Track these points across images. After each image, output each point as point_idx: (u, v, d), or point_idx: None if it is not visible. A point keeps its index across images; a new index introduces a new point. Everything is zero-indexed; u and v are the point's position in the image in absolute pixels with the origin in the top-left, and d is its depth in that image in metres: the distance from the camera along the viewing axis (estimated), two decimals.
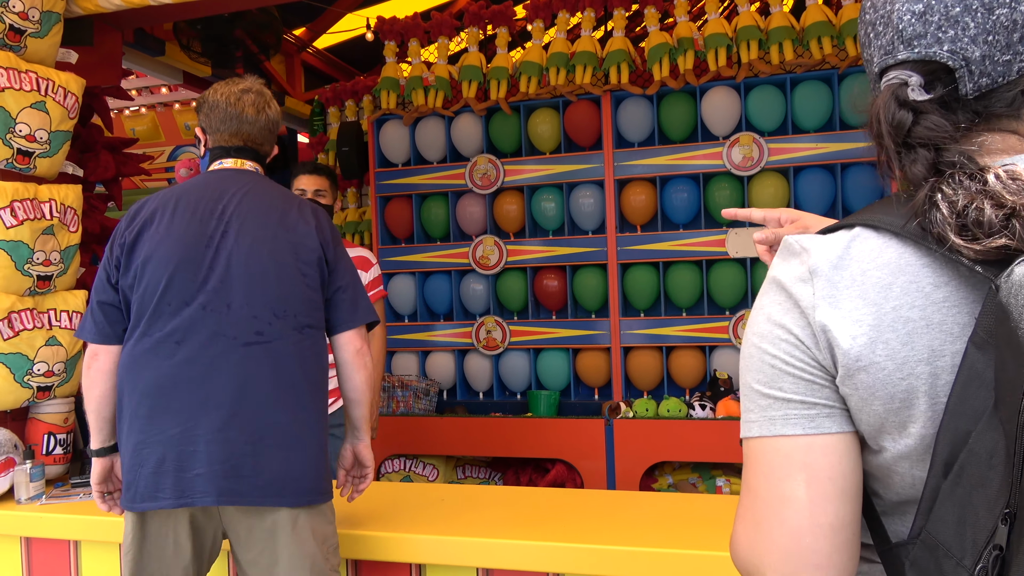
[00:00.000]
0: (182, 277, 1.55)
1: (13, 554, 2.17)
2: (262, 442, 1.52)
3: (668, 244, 3.59)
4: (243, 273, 1.56)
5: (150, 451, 1.53)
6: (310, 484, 1.56)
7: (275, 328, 1.56)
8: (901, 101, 0.66)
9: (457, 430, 3.63)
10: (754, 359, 0.70)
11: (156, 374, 1.54)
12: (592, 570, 1.68)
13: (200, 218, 1.59)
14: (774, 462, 0.68)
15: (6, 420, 2.32)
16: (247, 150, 1.71)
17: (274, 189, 1.70)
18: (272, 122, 1.74)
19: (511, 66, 3.77)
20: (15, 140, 2.26)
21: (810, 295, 0.67)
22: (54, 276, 2.38)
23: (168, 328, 1.54)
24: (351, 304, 1.68)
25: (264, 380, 1.53)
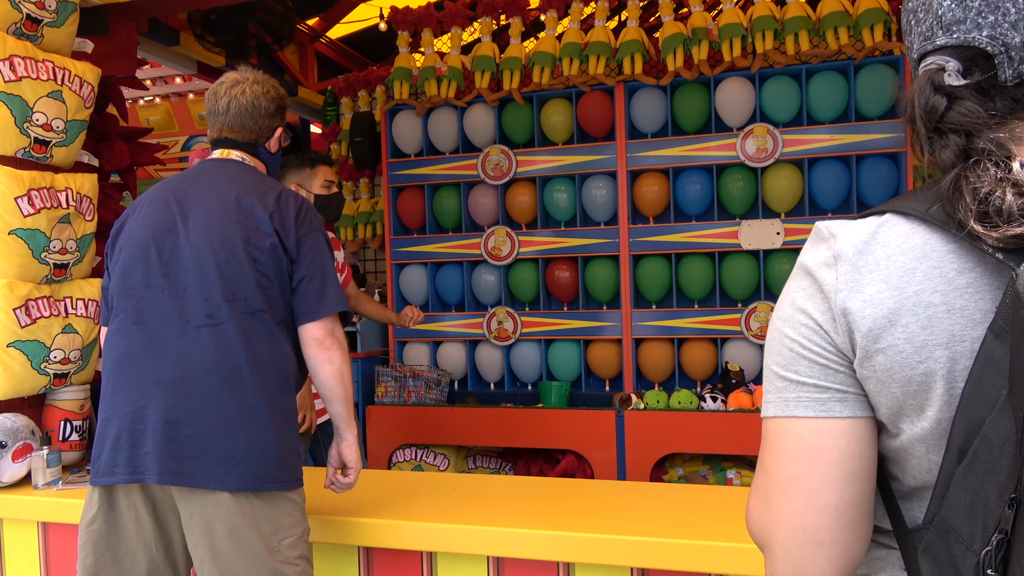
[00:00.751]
0: (146, 261, 1.62)
1: (30, 538, 2.21)
2: (205, 424, 1.52)
3: (680, 236, 3.58)
4: (194, 257, 1.60)
5: (111, 427, 1.58)
6: (254, 470, 1.53)
7: (224, 312, 1.57)
8: (936, 86, 0.66)
9: (468, 420, 3.64)
10: (775, 342, 0.73)
11: (117, 353, 1.61)
12: (602, 560, 1.68)
13: (167, 206, 1.66)
14: (785, 442, 0.71)
15: (23, 406, 2.35)
16: (226, 141, 1.78)
17: (245, 177, 1.71)
18: (246, 106, 1.75)
19: (524, 56, 3.75)
20: (32, 129, 2.27)
21: (833, 279, 0.68)
22: (70, 264, 2.40)
23: (130, 309, 1.61)
24: (315, 295, 1.65)
25: (210, 363, 1.54)
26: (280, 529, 1.57)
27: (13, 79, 2.21)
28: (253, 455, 1.54)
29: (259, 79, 1.79)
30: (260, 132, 1.79)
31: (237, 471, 1.52)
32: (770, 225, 3.45)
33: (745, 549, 1.56)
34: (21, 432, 2.20)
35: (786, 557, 0.70)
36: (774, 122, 3.49)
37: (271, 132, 1.81)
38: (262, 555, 1.53)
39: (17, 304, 2.23)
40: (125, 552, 1.60)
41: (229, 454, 1.52)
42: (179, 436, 1.52)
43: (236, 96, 1.75)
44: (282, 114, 1.84)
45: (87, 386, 2.49)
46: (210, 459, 1.52)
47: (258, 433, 1.55)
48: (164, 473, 1.52)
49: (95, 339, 2.48)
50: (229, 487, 1.52)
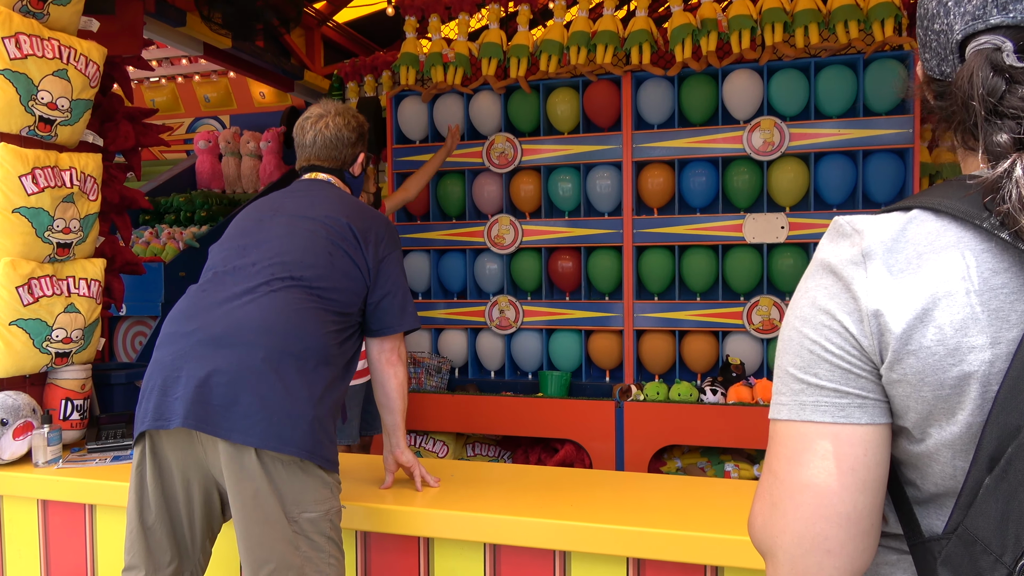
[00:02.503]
0: (231, 248, 1.76)
1: (30, 516, 2.22)
2: (237, 375, 1.53)
3: (684, 228, 3.57)
4: (274, 239, 1.72)
5: (149, 379, 1.62)
6: (279, 429, 1.52)
7: (282, 283, 1.64)
8: (995, 66, 0.63)
9: (468, 408, 3.65)
10: (793, 342, 0.69)
11: (173, 312, 1.70)
12: (598, 549, 1.69)
13: (264, 207, 1.85)
14: (798, 447, 0.68)
15: (25, 385, 2.36)
16: (312, 167, 1.93)
17: (335, 194, 1.86)
18: (330, 139, 1.90)
19: (532, 44, 3.74)
20: (37, 107, 2.27)
21: (863, 278, 0.65)
22: (73, 244, 2.40)
23: (204, 281, 1.72)
24: (394, 312, 1.78)
25: (255, 321, 1.59)
26: (302, 502, 1.56)
27: (19, 57, 2.20)
28: (280, 415, 1.53)
29: (340, 111, 1.93)
30: (345, 160, 1.94)
31: (261, 427, 1.51)
32: (775, 219, 3.44)
33: (740, 542, 1.57)
34: (22, 410, 2.21)
35: (790, 565, 0.68)
36: (781, 115, 3.47)
37: (355, 159, 1.96)
38: (281, 521, 1.54)
39: (20, 282, 2.23)
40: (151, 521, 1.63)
41: (255, 408, 1.52)
42: (209, 384, 1.53)
43: (320, 130, 1.90)
44: (364, 140, 1.98)
45: (88, 366, 2.50)
46: (237, 410, 1.51)
47: (289, 396, 1.54)
48: (188, 417, 1.52)
49: (97, 319, 2.49)
50: (251, 442, 1.51)
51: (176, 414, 1.54)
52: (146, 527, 1.63)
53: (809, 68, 3.43)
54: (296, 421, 1.55)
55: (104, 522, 2.15)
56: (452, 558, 1.84)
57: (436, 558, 1.86)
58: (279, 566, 1.53)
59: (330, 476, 1.63)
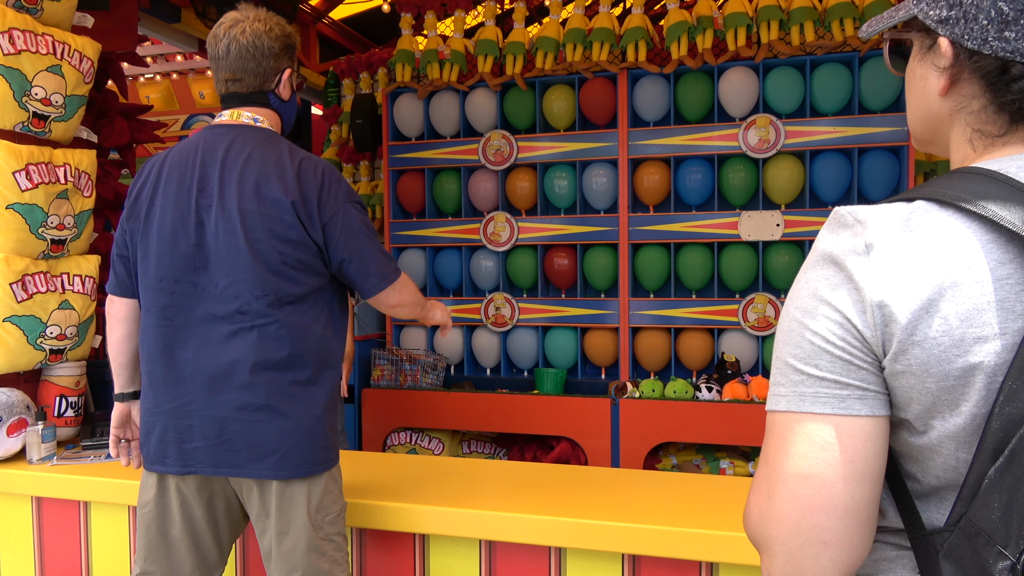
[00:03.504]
0: (171, 255, 1.56)
1: (24, 513, 2.21)
2: (251, 418, 1.53)
3: (680, 225, 3.57)
4: (223, 253, 1.54)
5: (154, 420, 1.59)
6: (301, 457, 1.55)
7: (257, 306, 1.54)
8: None
9: (464, 405, 3.65)
10: (793, 333, 0.69)
11: (153, 349, 1.59)
12: (593, 545, 1.69)
13: (187, 190, 1.57)
14: (797, 438, 0.67)
15: (19, 381, 2.35)
16: (233, 97, 1.63)
17: (261, 150, 1.58)
18: (247, 46, 1.59)
19: (528, 41, 3.73)
20: (31, 103, 2.26)
21: (866, 269, 0.65)
22: (68, 240, 2.39)
23: (161, 304, 1.57)
24: (361, 274, 1.61)
25: (250, 358, 1.53)
26: (323, 507, 1.60)
27: (12, 52, 2.19)
28: (300, 444, 1.55)
29: (260, 16, 1.62)
30: (266, 76, 1.62)
31: (286, 461, 1.54)
32: (770, 217, 3.44)
33: (735, 538, 1.57)
34: (16, 407, 2.20)
35: (786, 556, 0.68)
36: (777, 113, 3.47)
37: (277, 75, 1.64)
38: (309, 533, 1.57)
39: (14, 279, 2.22)
40: (174, 531, 1.62)
41: (276, 445, 1.53)
42: (227, 431, 1.54)
43: (236, 37, 1.59)
44: (290, 53, 1.67)
45: (83, 362, 2.49)
46: (259, 451, 1.53)
47: (303, 421, 1.56)
48: (218, 465, 1.55)
49: (92, 316, 2.48)
50: (280, 476, 1.54)
51: (202, 462, 1.56)
52: (169, 539, 1.63)
53: (805, 66, 3.43)
54: (313, 441, 1.58)
55: (98, 519, 2.14)
56: (448, 555, 1.84)
57: (432, 555, 1.86)
58: (306, 573, 1.57)
59: (336, 470, 1.66)
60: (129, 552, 2.12)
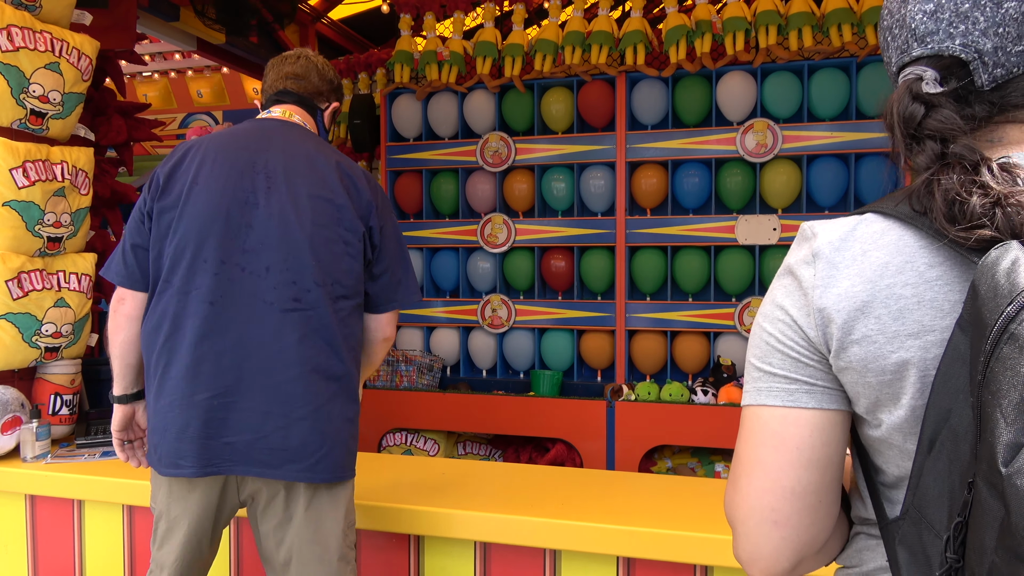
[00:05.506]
0: (220, 234, 1.49)
1: (18, 511, 2.21)
2: (293, 414, 1.47)
3: (677, 229, 3.58)
4: (283, 237, 1.50)
5: (174, 416, 1.48)
6: (337, 460, 1.52)
7: (313, 296, 1.49)
8: (914, 95, 0.70)
9: (459, 407, 3.65)
10: (755, 336, 0.77)
11: (187, 335, 1.48)
12: (588, 548, 1.69)
13: (240, 171, 1.53)
14: (754, 428, 0.75)
15: (13, 379, 2.35)
16: (291, 94, 1.68)
17: (320, 148, 1.61)
18: (312, 66, 1.71)
19: (526, 43, 3.74)
20: (28, 100, 2.26)
21: (811, 276, 0.72)
22: (64, 238, 2.39)
23: (203, 287, 1.48)
24: (395, 285, 1.64)
25: (299, 351, 1.48)
26: (346, 515, 1.59)
27: (10, 49, 2.19)
28: (337, 447, 1.52)
29: (321, 60, 1.77)
30: (320, 92, 1.72)
31: (324, 464, 1.50)
32: (767, 221, 3.45)
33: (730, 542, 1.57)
34: (11, 404, 2.20)
35: (745, 534, 0.76)
36: (775, 117, 3.48)
37: (328, 101, 1.75)
38: (337, 541, 1.55)
39: (9, 276, 2.22)
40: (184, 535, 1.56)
41: (316, 446, 1.49)
42: (267, 427, 1.46)
43: (308, 56, 1.74)
44: (339, 94, 1.79)
45: (78, 360, 2.49)
46: (300, 452, 1.48)
47: (341, 423, 1.54)
48: (252, 464, 1.48)
49: (87, 314, 2.47)
50: (317, 479, 1.50)
51: (231, 460, 1.48)
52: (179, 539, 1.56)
53: (802, 71, 3.44)
54: (347, 445, 1.56)
55: (92, 518, 2.14)
56: (443, 556, 1.84)
57: (426, 556, 1.86)
58: None
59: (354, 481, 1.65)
60: (123, 551, 2.11)
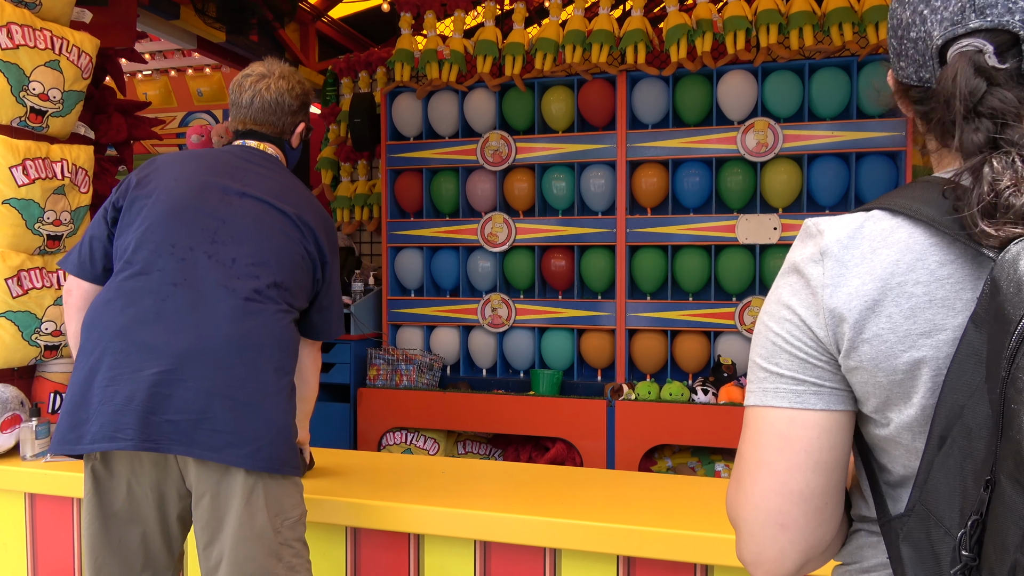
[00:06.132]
0: (191, 223, 1.56)
1: (17, 509, 2.20)
2: (241, 398, 1.48)
3: (678, 228, 3.58)
4: (252, 237, 1.58)
5: (117, 388, 1.47)
6: (278, 452, 1.52)
7: (272, 295, 1.57)
8: (978, 67, 0.66)
9: (459, 406, 3.64)
10: (760, 335, 0.76)
11: (142, 311, 1.50)
12: (588, 547, 1.69)
13: (217, 172, 1.64)
14: (760, 429, 0.74)
15: (13, 378, 2.34)
16: (251, 133, 1.76)
17: (291, 181, 1.73)
18: (270, 102, 1.73)
19: (527, 42, 3.73)
20: (28, 98, 2.25)
21: (820, 274, 0.71)
22: (64, 236, 2.38)
23: (167, 268, 1.53)
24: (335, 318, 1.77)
25: (256, 339, 1.53)
26: (283, 510, 1.56)
27: (10, 47, 2.18)
28: (279, 437, 1.52)
29: (285, 74, 1.76)
30: (284, 128, 1.77)
31: (266, 452, 1.49)
32: (767, 220, 3.45)
33: (730, 541, 1.57)
34: (10, 403, 2.19)
35: (749, 535, 0.75)
36: (775, 117, 3.48)
37: (294, 128, 1.80)
38: (268, 535, 1.52)
39: (9, 274, 2.22)
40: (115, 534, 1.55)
41: (260, 434, 1.49)
42: (214, 408, 1.46)
43: (260, 91, 1.72)
44: (306, 110, 1.81)
45: None
46: (243, 436, 1.47)
47: (282, 415, 1.55)
48: (193, 445, 1.46)
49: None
50: (258, 467, 1.49)
51: (172, 439, 1.45)
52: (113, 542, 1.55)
53: (803, 70, 3.44)
54: (287, 439, 1.55)
55: None
56: (442, 555, 1.84)
57: (426, 555, 1.86)
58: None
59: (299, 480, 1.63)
60: None
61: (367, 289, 4.15)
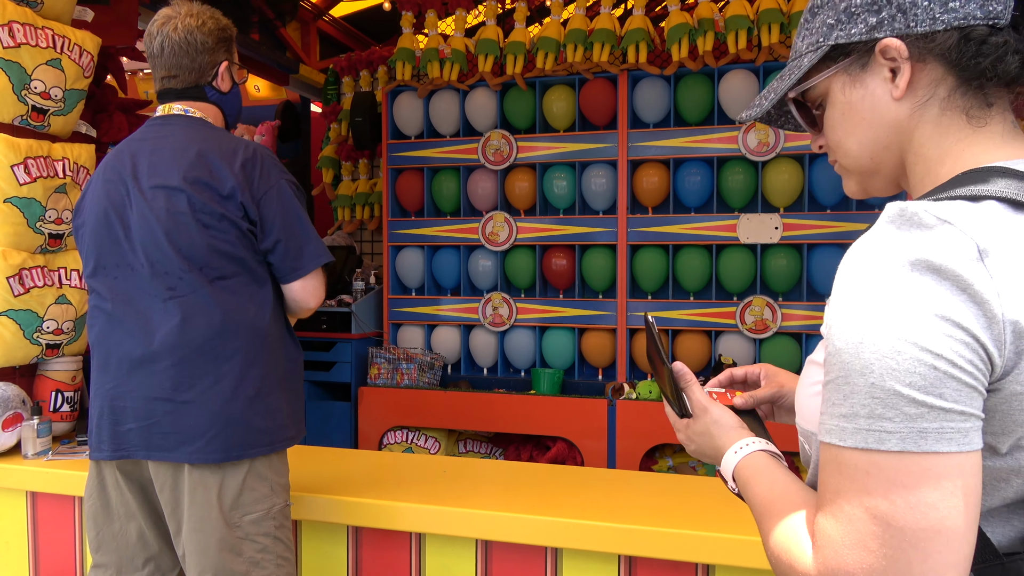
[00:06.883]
0: (109, 239, 1.60)
1: (19, 508, 2.20)
2: (178, 398, 1.53)
3: (679, 227, 3.58)
4: (149, 232, 1.55)
5: (96, 404, 1.62)
6: (226, 441, 1.51)
7: (186, 282, 1.54)
8: None
9: (460, 405, 3.64)
10: (903, 357, 0.57)
11: (96, 332, 1.63)
12: (590, 546, 1.69)
13: (118, 178, 1.61)
14: (922, 484, 0.57)
15: (14, 376, 2.35)
16: (168, 92, 1.65)
17: (191, 135, 1.59)
18: (179, 43, 1.60)
19: (528, 41, 3.73)
20: (30, 97, 2.25)
21: (987, 278, 0.57)
22: (65, 235, 2.38)
23: (103, 287, 1.62)
24: (292, 255, 1.59)
25: (179, 336, 1.53)
26: (241, 505, 1.54)
27: (12, 45, 2.18)
28: (226, 427, 1.53)
29: (193, 11, 1.62)
30: (201, 71, 1.63)
31: (214, 444, 1.52)
32: (768, 219, 3.45)
33: (731, 540, 1.57)
34: (12, 401, 2.19)
35: None
36: None
37: (214, 68, 1.65)
38: (221, 529, 1.52)
39: (11, 273, 2.22)
40: (118, 525, 1.64)
41: (204, 429, 1.52)
42: (156, 412, 1.54)
43: (168, 34, 1.60)
44: (227, 46, 1.68)
45: (79, 357, 2.48)
46: (190, 434, 1.53)
47: (227, 404, 1.53)
48: (150, 448, 1.55)
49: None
50: (206, 460, 1.52)
51: (135, 445, 1.57)
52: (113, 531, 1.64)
53: None
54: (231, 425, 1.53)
55: None
56: (444, 554, 1.84)
57: (428, 554, 1.86)
58: (218, 574, 1.52)
59: (267, 466, 1.57)
60: None
61: (368, 288, 4.15)
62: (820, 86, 0.76)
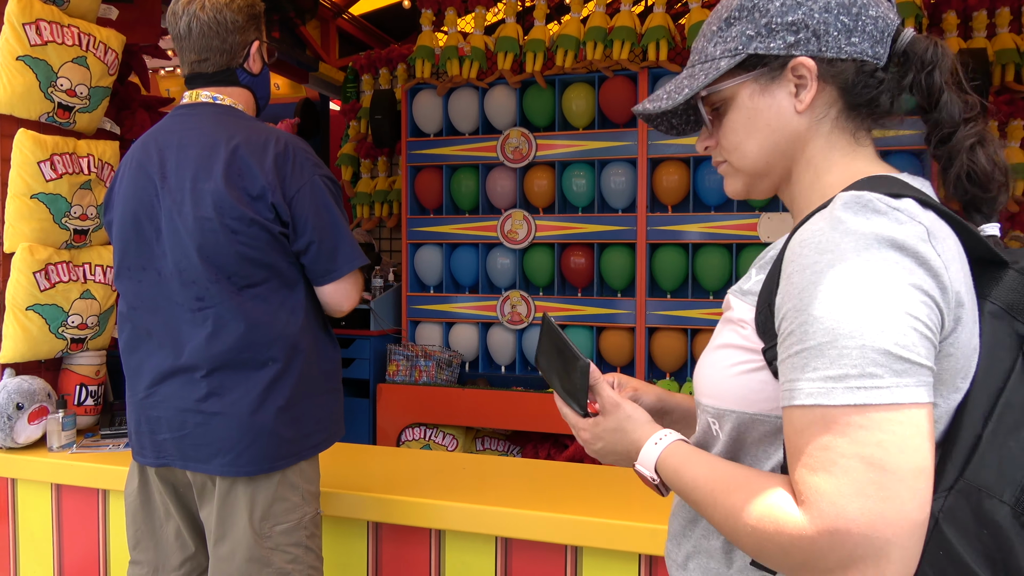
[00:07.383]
0: (136, 241, 1.55)
1: (44, 500, 2.23)
2: (208, 410, 1.50)
3: (699, 226, 3.55)
4: (177, 238, 1.49)
5: (131, 411, 1.62)
6: (255, 454, 1.48)
7: (214, 292, 1.48)
8: None
9: (478, 402, 3.65)
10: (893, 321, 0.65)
11: (125, 338, 1.60)
12: (610, 545, 1.69)
13: (146, 175, 1.53)
14: (907, 431, 0.65)
15: (40, 370, 2.37)
16: (196, 77, 1.55)
17: (219, 128, 1.50)
18: (208, 23, 1.49)
19: (548, 39, 3.72)
20: (56, 94, 2.28)
21: (935, 255, 0.68)
22: (90, 231, 2.41)
23: (129, 294, 1.58)
24: (326, 257, 1.52)
25: (209, 349, 1.49)
26: (272, 515, 1.51)
27: (39, 43, 2.21)
28: (257, 439, 1.49)
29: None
30: (233, 53, 1.53)
31: (244, 457, 1.49)
32: (789, 218, 3.41)
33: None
34: (37, 395, 2.22)
35: (903, 558, 0.64)
36: None
37: (245, 49, 1.55)
38: (249, 539, 1.49)
39: (37, 268, 2.24)
40: (157, 524, 1.64)
41: (234, 442, 1.49)
42: (187, 424, 1.51)
43: (195, 13, 1.50)
44: (257, 23, 1.58)
45: (103, 352, 2.51)
46: (221, 447, 1.49)
47: (268, 414, 1.49)
48: (185, 459, 1.53)
49: (112, 305, 2.50)
50: (236, 473, 1.49)
51: (171, 455, 1.55)
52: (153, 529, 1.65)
53: None
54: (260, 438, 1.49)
55: (117, 507, 2.16)
56: (464, 551, 1.84)
57: (448, 550, 1.86)
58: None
59: (299, 474, 1.55)
60: None
61: (387, 285, 4.17)
62: (727, 91, 0.84)
